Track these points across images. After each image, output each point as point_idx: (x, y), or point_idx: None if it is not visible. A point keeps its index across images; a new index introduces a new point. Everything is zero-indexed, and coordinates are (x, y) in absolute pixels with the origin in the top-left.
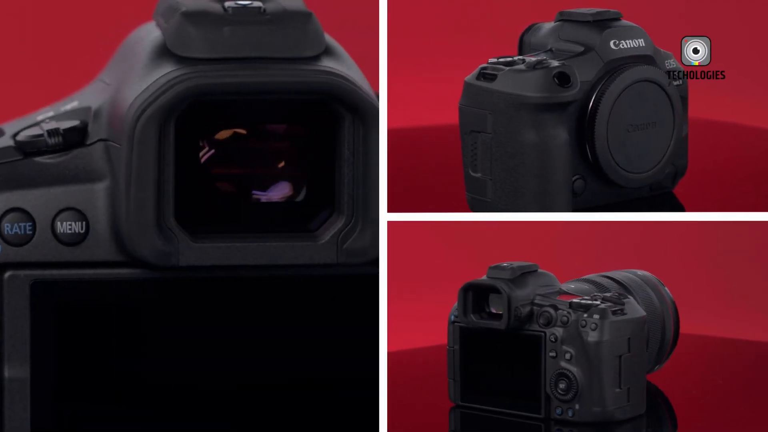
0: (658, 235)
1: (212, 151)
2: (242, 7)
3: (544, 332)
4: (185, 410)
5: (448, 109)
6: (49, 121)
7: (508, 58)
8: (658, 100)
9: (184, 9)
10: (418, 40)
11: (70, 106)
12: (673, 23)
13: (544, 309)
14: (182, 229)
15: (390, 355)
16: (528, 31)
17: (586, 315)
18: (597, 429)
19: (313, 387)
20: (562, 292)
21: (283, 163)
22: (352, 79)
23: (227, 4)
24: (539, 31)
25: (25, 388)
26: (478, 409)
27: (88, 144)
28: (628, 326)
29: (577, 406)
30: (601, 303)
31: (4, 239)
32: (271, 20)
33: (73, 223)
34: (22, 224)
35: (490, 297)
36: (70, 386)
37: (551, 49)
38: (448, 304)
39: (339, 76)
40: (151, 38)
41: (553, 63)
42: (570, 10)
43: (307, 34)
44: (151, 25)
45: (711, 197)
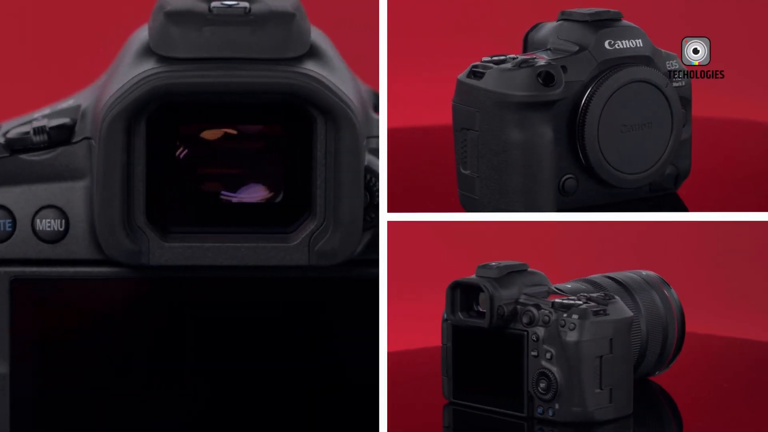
0: (660, 236)
1: (186, 151)
2: (227, 7)
3: (527, 331)
4: (164, 407)
5: (447, 109)
6: (41, 119)
7: (501, 57)
8: (655, 101)
9: (168, 8)
10: (418, 40)
11: (65, 105)
12: (673, 23)
13: (527, 308)
14: (153, 229)
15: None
16: (532, 30)
17: (566, 315)
18: (576, 429)
19: (285, 386)
20: (551, 292)
21: (256, 164)
22: (327, 81)
23: (213, 5)
24: (542, 30)
25: (5, 385)
26: (468, 407)
27: (73, 142)
28: (609, 327)
29: (557, 406)
30: (583, 303)
31: None
32: (254, 21)
33: (53, 221)
34: (2, 221)
35: (480, 296)
36: (49, 382)
37: (550, 48)
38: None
39: (311, 77)
40: (140, 38)
41: (539, 62)
42: (571, 10)
43: (290, 34)
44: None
45: (711, 197)
